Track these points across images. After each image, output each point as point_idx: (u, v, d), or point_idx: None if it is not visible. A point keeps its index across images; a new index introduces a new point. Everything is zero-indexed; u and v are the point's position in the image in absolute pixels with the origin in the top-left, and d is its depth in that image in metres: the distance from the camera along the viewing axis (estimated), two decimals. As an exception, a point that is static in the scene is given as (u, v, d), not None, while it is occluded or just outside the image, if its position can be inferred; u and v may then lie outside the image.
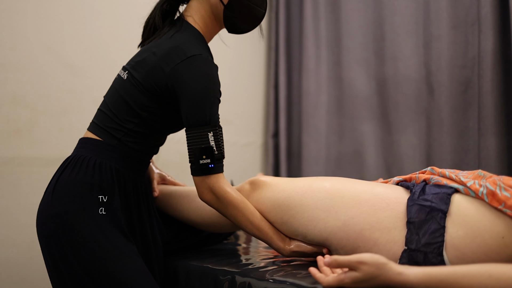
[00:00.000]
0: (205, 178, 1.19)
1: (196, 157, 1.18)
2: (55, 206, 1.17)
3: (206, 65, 1.20)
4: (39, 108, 1.83)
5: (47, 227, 1.17)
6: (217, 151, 1.19)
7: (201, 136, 1.18)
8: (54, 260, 1.15)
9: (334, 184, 1.19)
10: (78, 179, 1.19)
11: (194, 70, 1.19)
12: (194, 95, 1.18)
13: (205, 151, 1.18)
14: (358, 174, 2.52)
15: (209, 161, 1.18)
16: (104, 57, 2.05)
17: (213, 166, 1.18)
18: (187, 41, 1.24)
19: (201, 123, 1.18)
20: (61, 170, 1.23)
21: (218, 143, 1.19)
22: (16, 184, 1.77)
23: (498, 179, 1.02)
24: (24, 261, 1.76)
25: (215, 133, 1.19)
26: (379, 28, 2.45)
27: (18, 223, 1.75)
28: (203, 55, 1.21)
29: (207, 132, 1.18)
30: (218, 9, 1.30)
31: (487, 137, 1.94)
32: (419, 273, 0.90)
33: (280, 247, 1.24)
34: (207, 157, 1.18)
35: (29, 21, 1.82)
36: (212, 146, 1.18)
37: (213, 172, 1.19)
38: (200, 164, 1.18)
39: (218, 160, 1.20)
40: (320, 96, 2.68)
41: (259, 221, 1.23)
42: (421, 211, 1.03)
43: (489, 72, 1.93)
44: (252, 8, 1.31)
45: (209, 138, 1.18)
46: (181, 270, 1.31)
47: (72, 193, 1.17)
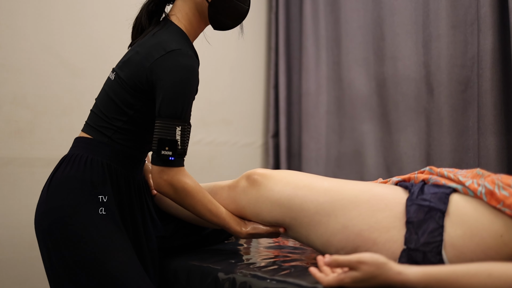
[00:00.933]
0: (164, 169, 1.21)
1: (159, 147, 1.20)
2: (50, 202, 1.21)
3: (185, 59, 1.22)
4: (39, 109, 1.84)
5: (42, 223, 1.20)
6: (180, 146, 1.21)
7: (169, 128, 1.20)
8: (49, 255, 1.18)
9: (333, 185, 1.20)
10: (70, 175, 1.22)
11: (172, 64, 1.22)
12: (170, 87, 1.20)
13: (169, 143, 1.19)
14: (358, 174, 2.53)
15: (170, 153, 1.20)
16: (104, 58, 2.05)
17: (174, 159, 1.20)
18: (168, 38, 1.27)
19: (171, 115, 1.20)
20: (56, 168, 1.27)
21: (183, 139, 1.21)
22: (16, 185, 1.77)
23: (497, 178, 1.03)
24: (25, 261, 1.77)
25: (183, 129, 1.21)
26: (379, 28, 2.46)
27: (19, 223, 1.75)
28: (182, 49, 1.24)
29: (176, 126, 1.20)
30: (203, 7, 1.33)
31: (487, 136, 1.94)
32: (419, 272, 0.90)
33: (237, 230, 1.30)
34: (170, 149, 1.20)
35: (30, 21, 1.82)
36: (177, 140, 1.20)
37: (173, 165, 1.21)
38: (161, 154, 1.20)
39: (180, 155, 1.22)
40: (320, 96, 2.68)
41: (216, 208, 1.28)
42: (419, 210, 1.04)
43: (488, 71, 1.93)
44: (235, 4, 1.34)
45: (176, 132, 1.20)
46: (181, 270, 1.31)
47: (65, 188, 1.21)
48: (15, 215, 1.75)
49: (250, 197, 1.27)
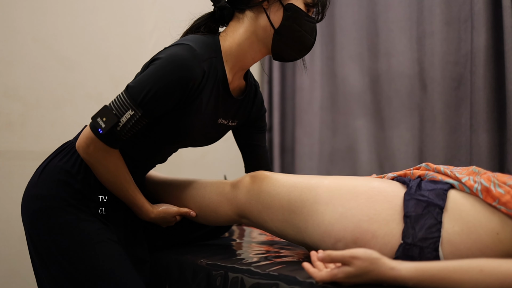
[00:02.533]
0: (95, 139, 1.11)
1: (99, 113, 1.10)
2: (39, 187, 1.21)
3: (183, 50, 1.12)
4: (31, 102, 1.82)
5: (28, 207, 1.21)
6: (119, 129, 1.10)
7: (122, 105, 1.09)
8: (34, 241, 1.19)
9: (332, 179, 1.20)
10: (61, 165, 1.22)
11: (169, 51, 1.13)
12: (151, 70, 1.11)
13: (109, 118, 1.09)
14: (351, 169, 2.53)
15: (103, 126, 1.09)
16: (98, 51, 2.04)
17: (102, 133, 1.09)
18: (192, 37, 1.19)
19: (133, 96, 1.09)
20: (54, 155, 1.27)
21: (126, 126, 1.10)
22: (7, 178, 1.76)
23: (493, 175, 1.03)
24: (15, 255, 1.75)
25: (133, 116, 1.09)
26: (373, 24, 2.46)
27: (10, 216, 1.74)
28: (188, 45, 1.13)
29: (129, 108, 1.09)
30: (267, 32, 1.21)
31: (479, 133, 1.95)
32: (411, 268, 0.90)
33: (148, 209, 1.27)
34: (105, 123, 1.09)
35: (22, 14, 1.80)
36: (120, 121, 1.09)
37: (101, 139, 1.10)
38: (96, 120, 1.10)
39: (113, 135, 1.10)
40: (313, 92, 2.68)
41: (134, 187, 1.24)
42: (418, 205, 1.04)
43: (482, 69, 1.94)
44: (303, 35, 1.22)
45: (125, 113, 1.09)
46: (173, 264, 1.31)
47: (54, 178, 1.20)
48: (5, 209, 1.74)
49: (252, 193, 1.27)
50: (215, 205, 1.34)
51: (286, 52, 1.25)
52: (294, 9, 1.19)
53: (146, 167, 1.37)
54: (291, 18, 1.19)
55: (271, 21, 1.20)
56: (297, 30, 1.21)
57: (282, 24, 1.19)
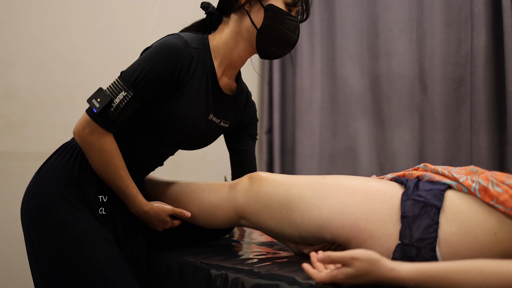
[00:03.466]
0: (91, 122, 1.15)
1: (93, 95, 1.15)
2: (36, 186, 1.23)
3: (173, 38, 1.21)
4: (31, 103, 1.82)
5: (27, 206, 1.22)
6: (113, 110, 1.14)
7: (115, 87, 1.15)
8: (31, 240, 1.19)
9: (330, 178, 1.21)
10: (60, 164, 1.24)
11: (160, 40, 1.22)
12: (142, 56, 1.20)
13: (103, 98, 1.13)
14: (352, 170, 2.53)
15: (97, 106, 1.13)
16: (97, 52, 2.04)
17: (96, 112, 1.13)
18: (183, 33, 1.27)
19: (126, 79, 1.15)
20: (52, 154, 1.30)
21: (120, 106, 1.14)
22: (8, 179, 1.76)
23: (491, 174, 1.03)
24: (15, 255, 1.75)
25: (126, 97, 1.14)
26: (373, 25, 2.46)
27: (10, 217, 1.74)
28: (182, 35, 1.22)
29: (122, 90, 1.14)
30: (250, 32, 1.28)
31: (479, 134, 1.95)
32: (411, 269, 0.90)
33: (142, 201, 1.26)
34: (100, 103, 1.13)
35: (23, 15, 1.81)
36: (114, 101, 1.14)
37: (99, 123, 1.15)
38: (91, 101, 1.14)
39: (107, 116, 1.15)
40: (314, 93, 2.68)
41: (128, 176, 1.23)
42: (415, 206, 1.04)
43: (482, 70, 1.94)
44: (285, 33, 1.28)
45: (118, 94, 1.14)
46: (174, 265, 1.31)
47: (52, 176, 1.22)
48: (6, 209, 1.74)
49: (250, 194, 1.27)
50: (214, 207, 1.34)
51: (270, 50, 1.31)
52: (274, 9, 1.25)
53: (144, 169, 1.37)
54: (272, 18, 1.25)
55: (253, 22, 1.27)
56: (279, 29, 1.26)
57: (263, 24, 1.26)
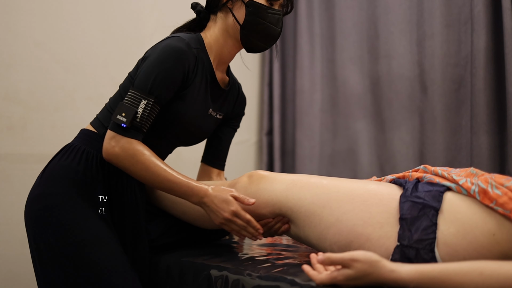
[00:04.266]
0: (117, 136, 1.18)
1: (116, 112, 1.19)
2: (41, 187, 1.23)
3: (175, 41, 1.25)
4: (32, 105, 1.83)
5: (31, 208, 1.23)
6: (139, 119, 1.19)
7: (134, 98, 1.20)
8: (36, 241, 1.20)
9: (330, 180, 1.21)
10: (65, 164, 1.25)
11: (161, 43, 1.27)
12: (149, 61, 1.24)
13: (127, 111, 1.18)
14: (352, 172, 2.53)
15: (124, 120, 1.17)
16: (97, 54, 2.04)
17: (126, 126, 1.18)
18: (178, 34, 1.32)
19: (141, 87, 1.20)
20: (54, 156, 1.30)
21: (144, 114, 1.20)
22: (8, 181, 1.76)
23: (490, 177, 1.03)
24: (16, 257, 1.76)
25: (148, 104, 1.20)
26: (373, 26, 2.46)
27: (10, 220, 1.74)
28: (181, 36, 1.27)
29: (142, 99, 1.19)
30: (235, 28, 1.35)
31: (480, 135, 1.95)
32: (412, 270, 0.90)
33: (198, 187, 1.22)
34: (126, 116, 1.17)
35: (22, 17, 1.81)
36: (137, 112, 1.19)
37: (126, 134, 1.18)
38: (116, 119, 1.18)
39: (135, 128, 1.19)
40: (314, 94, 2.68)
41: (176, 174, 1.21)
42: (413, 207, 1.04)
43: (482, 71, 1.94)
44: (267, 26, 1.34)
45: (140, 104, 1.19)
46: (174, 267, 1.31)
47: (57, 177, 1.23)
48: (6, 212, 1.74)
49: (249, 192, 1.27)
50: None
51: (254, 44, 1.37)
52: (255, 5, 1.31)
53: None
54: (253, 13, 1.32)
55: (236, 18, 1.34)
56: (261, 23, 1.33)
57: (245, 19, 1.32)
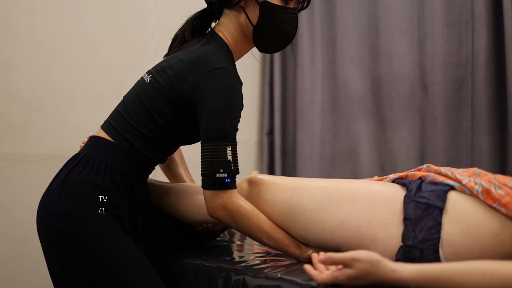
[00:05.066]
0: (219, 193, 1.15)
1: (213, 171, 1.14)
2: (63, 203, 1.16)
3: (230, 78, 1.19)
4: (33, 105, 1.83)
5: (52, 225, 1.15)
6: (233, 166, 1.16)
7: (219, 150, 1.15)
8: (60, 259, 1.15)
9: (330, 183, 1.20)
10: (88, 179, 1.18)
11: (218, 83, 1.17)
12: (215, 108, 1.16)
13: (223, 165, 1.14)
14: (353, 172, 2.53)
15: (226, 175, 1.14)
16: (98, 54, 2.04)
17: (230, 181, 1.15)
18: (215, 53, 1.22)
19: (220, 136, 1.15)
20: (71, 167, 1.21)
21: (235, 159, 1.17)
22: (10, 181, 1.76)
23: (493, 177, 1.03)
24: (17, 257, 1.76)
25: (233, 148, 1.17)
26: (374, 26, 2.46)
27: (12, 219, 1.74)
28: (230, 68, 1.20)
29: (226, 146, 1.16)
30: (248, 29, 1.28)
31: (480, 135, 1.95)
32: (413, 270, 0.90)
33: (298, 255, 1.22)
34: (225, 171, 1.14)
35: (24, 17, 1.81)
36: (230, 160, 1.15)
37: (228, 188, 1.16)
38: (216, 177, 1.14)
39: (234, 176, 1.17)
40: (314, 94, 2.68)
41: (274, 231, 1.20)
42: (417, 207, 1.04)
43: (483, 71, 1.94)
44: (283, 28, 1.28)
45: (227, 152, 1.16)
46: (175, 267, 1.31)
47: (82, 192, 1.16)
48: (7, 212, 1.74)
49: (251, 200, 1.25)
50: None
51: (268, 45, 1.32)
52: (269, 5, 1.24)
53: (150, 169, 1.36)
54: (267, 14, 1.25)
55: (249, 19, 1.26)
56: (275, 24, 1.26)
57: (259, 21, 1.26)
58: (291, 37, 1.32)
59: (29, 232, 1.25)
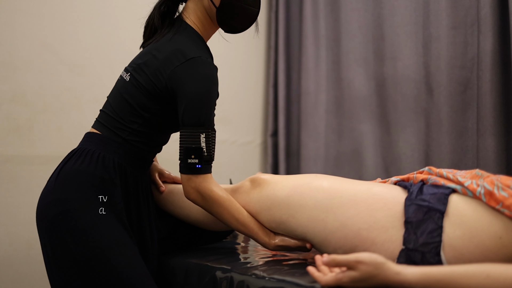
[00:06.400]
0: (192, 177, 1.23)
1: (185, 156, 1.21)
2: (57, 192, 1.20)
3: (205, 67, 1.23)
4: (38, 107, 1.84)
5: (47, 213, 1.19)
6: (206, 152, 1.22)
7: (193, 136, 1.22)
8: (53, 246, 1.17)
9: (332, 183, 1.20)
10: (81, 169, 1.22)
11: (193, 73, 1.23)
12: (191, 97, 1.21)
13: (195, 151, 1.21)
14: (357, 173, 2.53)
15: (196, 161, 1.21)
16: (103, 56, 2.05)
17: (201, 166, 1.22)
18: (187, 43, 1.27)
19: (195, 123, 1.21)
20: (66, 160, 1.26)
21: (208, 145, 1.23)
22: (15, 182, 1.77)
23: (496, 178, 1.03)
24: (23, 259, 1.76)
25: (207, 135, 1.23)
26: (379, 28, 2.46)
27: (17, 221, 1.75)
28: (202, 57, 1.24)
29: (200, 133, 1.22)
30: (212, 11, 1.32)
31: (486, 137, 1.94)
32: (417, 272, 0.90)
33: (265, 241, 1.27)
34: (196, 157, 1.21)
35: (29, 19, 1.82)
36: (202, 147, 1.22)
37: (200, 172, 1.22)
38: (187, 163, 1.21)
39: (207, 162, 1.23)
40: (319, 96, 2.68)
41: (244, 217, 1.26)
42: (418, 211, 1.04)
43: (488, 73, 1.93)
44: (245, 8, 1.33)
45: (200, 139, 1.22)
46: (179, 268, 1.31)
47: (74, 181, 1.21)
48: (13, 213, 1.75)
49: (251, 196, 1.28)
50: None
51: (232, 25, 1.36)
52: None
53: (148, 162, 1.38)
54: None
55: (212, 1, 1.31)
56: (237, 6, 1.32)
57: (221, 2, 1.30)
58: (254, 16, 1.37)
59: (34, 233, 1.26)
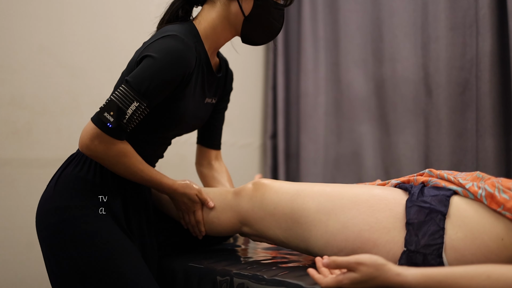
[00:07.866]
0: (101, 135, 1.14)
1: (105, 108, 1.13)
2: (57, 199, 1.19)
3: (175, 42, 1.18)
4: (37, 110, 1.83)
5: (47, 221, 1.18)
6: (126, 121, 1.14)
7: (126, 97, 1.14)
8: (55, 254, 1.16)
9: (334, 187, 1.20)
10: (80, 175, 1.21)
11: (161, 43, 1.19)
12: (149, 64, 1.16)
13: (117, 110, 1.13)
14: (356, 175, 2.53)
15: (111, 120, 1.13)
16: (103, 58, 2.05)
17: (111, 127, 1.13)
18: (173, 27, 1.24)
19: (136, 87, 1.14)
20: (65, 165, 1.26)
21: (132, 116, 1.15)
22: (14, 186, 1.76)
23: (497, 181, 1.03)
24: (22, 262, 1.76)
25: (138, 108, 1.14)
26: (377, 29, 2.46)
27: (16, 224, 1.75)
28: (179, 36, 1.20)
29: (134, 100, 1.14)
30: (237, 18, 1.30)
31: (485, 138, 1.94)
32: (418, 274, 0.90)
33: (170, 184, 1.28)
34: (113, 116, 1.13)
35: (28, 22, 1.82)
36: (127, 113, 1.14)
37: (108, 133, 1.14)
38: (103, 115, 1.13)
39: (120, 128, 1.15)
40: (318, 97, 2.68)
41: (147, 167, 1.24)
42: (420, 212, 1.04)
43: (487, 74, 1.94)
44: (270, 21, 1.31)
45: (130, 105, 1.14)
46: (179, 271, 1.31)
47: (74, 188, 1.20)
48: (12, 216, 1.75)
49: (254, 200, 1.27)
50: (218, 211, 1.34)
51: (254, 37, 1.35)
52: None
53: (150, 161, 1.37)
54: (261, 6, 1.28)
55: (242, 9, 1.28)
56: (266, 18, 1.30)
57: (252, 12, 1.28)
58: (276, 32, 1.35)
59: (33, 236, 1.25)
